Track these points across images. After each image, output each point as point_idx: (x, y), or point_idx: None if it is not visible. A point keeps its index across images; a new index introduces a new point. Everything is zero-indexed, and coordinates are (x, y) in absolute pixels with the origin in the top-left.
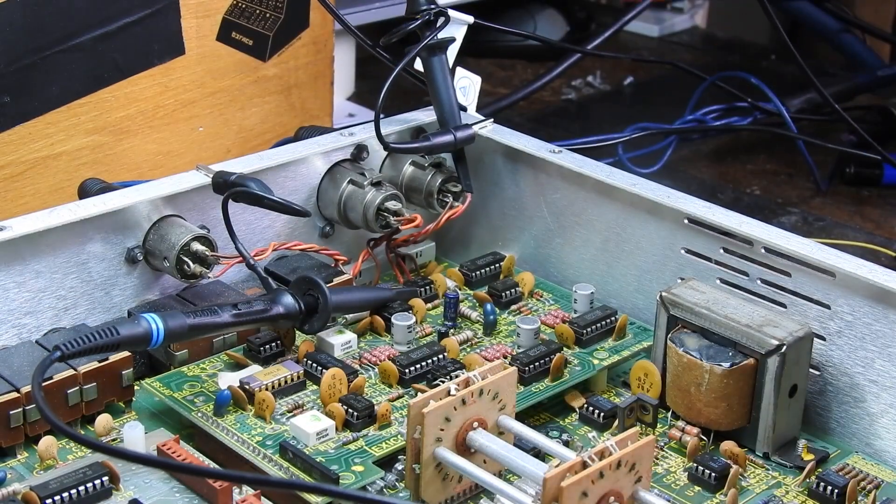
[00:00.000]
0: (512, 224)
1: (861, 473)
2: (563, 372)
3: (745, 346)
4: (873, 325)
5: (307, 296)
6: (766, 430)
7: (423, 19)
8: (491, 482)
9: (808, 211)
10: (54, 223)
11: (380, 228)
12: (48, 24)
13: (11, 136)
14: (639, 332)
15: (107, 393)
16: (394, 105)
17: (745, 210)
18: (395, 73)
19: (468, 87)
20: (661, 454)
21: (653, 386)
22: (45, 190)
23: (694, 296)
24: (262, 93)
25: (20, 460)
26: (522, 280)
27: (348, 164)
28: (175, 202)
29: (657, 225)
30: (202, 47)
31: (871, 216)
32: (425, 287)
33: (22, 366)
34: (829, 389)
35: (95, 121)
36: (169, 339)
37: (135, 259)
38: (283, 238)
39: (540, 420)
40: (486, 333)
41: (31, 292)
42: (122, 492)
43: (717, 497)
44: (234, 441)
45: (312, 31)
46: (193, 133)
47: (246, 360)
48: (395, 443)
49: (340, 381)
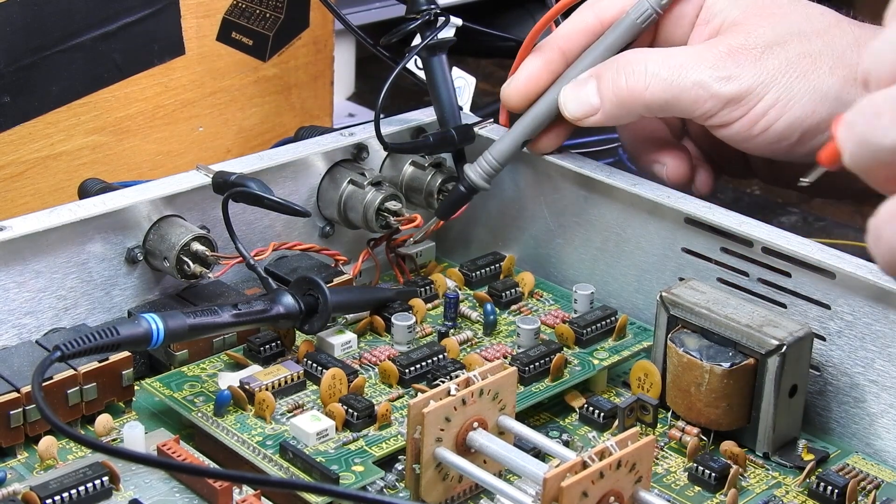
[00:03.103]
0: (512, 224)
1: (861, 473)
2: (563, 372)
3: (745, 346)
4: (873, 325)
5: (307, 296)
6: (766, 430)
7: (423, 19)
8: (491, 482)
9: (808, 211)
10: (54, 223)
11: (380, 228)
12: (48, 24)
13: (11, 136)
14: (639, 332)
15: (107, 393)
16: (394, 105)
17: (744, 210)
18: (395, 73)
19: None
20: (661, 454)
21: (653, 386)
22: (45, 190)
23: (694, 296)
24: (262, 93)
25: (20, 460)
26: (522, 280)
27: (348, 164)
28: (175, 202)
29: (657, 225)
30: (202, 47)
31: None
32: (425, 287)
33: (22, 366)
34: (829, 389)
35: (95, 121)
36: (169, 339)
37: (135, 259)
38: (283, 238)
39: (540, 420)
40: (486, 333)
41: (31, 292)
42: (122, 492)
43: (717, 497)
44: (234, 441)
45: (312, 31)
46: (193, 133)
47: (246, 360)
48: (395, 443)
49: (340, 381)
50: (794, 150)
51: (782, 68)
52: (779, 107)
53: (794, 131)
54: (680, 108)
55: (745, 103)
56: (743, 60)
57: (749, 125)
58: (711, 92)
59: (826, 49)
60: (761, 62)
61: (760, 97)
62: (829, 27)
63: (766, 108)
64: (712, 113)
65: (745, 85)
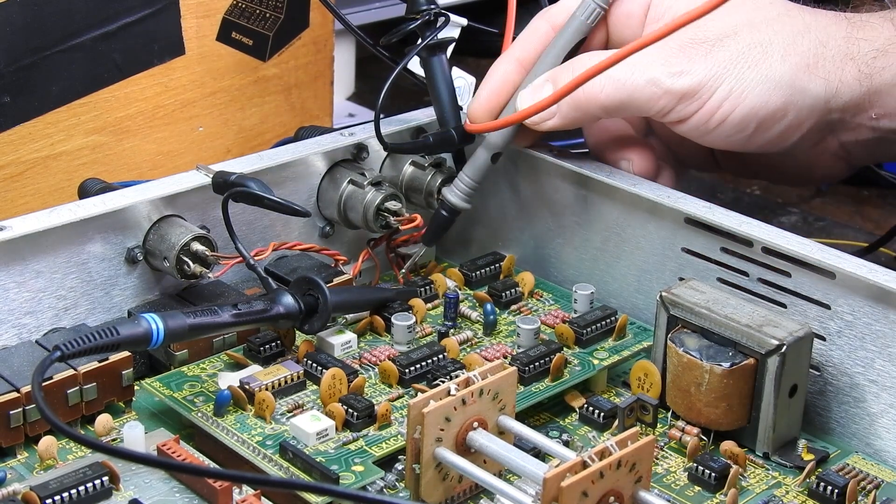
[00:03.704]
0: (512, 224)
1: (861, 473)
2: (563, 372)
3: (745, 346)
4: (873, 325)
5: (307, 296)
6: (766, 430)
7: (423, 19)
8: (491, 482)
9: (808, 211)
10: (54, 223)
11: (380, 228)
12: (48, 24)
13: (11, 136)
14: (639, 332)
15: (107, 393)
16: (394, 105)
17: (744, 210)
18: (395, 73)
19: (463, 88)
20: (661, 454)
21: (653, 386)
22: (45, 190)
23: (694, 296)
24: (262, 93)
25: (20, 460)
26: (522, 280)
27: (348, 164)
28: (175, 202)
29: (657, 225)
30: (202, 47)
31: (871, 216)
32: (425, 287)
33: (22, 366)
34: (829, 389)
35: (95, 121)
36: (169, 339)
37: (135, 259)
38: (283, 238)
39: (540, 420)
40: (486, 333)
41: (31, 292)
42: (122, 492)
43: (717, 497)
44: (234, 441)
45: (312, 31)
46: (193, 133)
47: (246, 360)
48: (395, 443)
49: (340, 381)
50: (752, 140)
51: (733, 59)
52: (732, 98)
53: (750, 121)
54: (635, 106)
55: (698, 97)
56: (694, 55)
57: (705, 119)
58: (664, 88)
59: (776, 37)
60: (712, 55)
61: (713, 90)
62: (779, 16)
63: (719, 100)
64: (667, 109)
65: (697, 79)
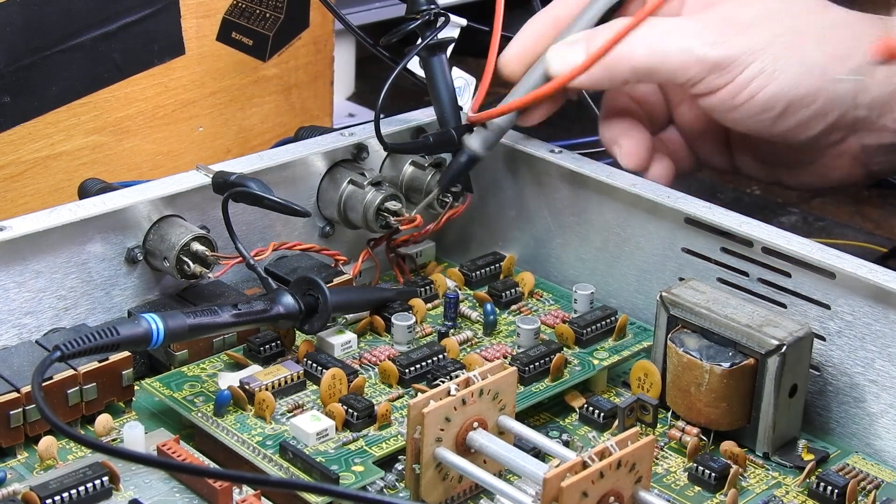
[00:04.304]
0: (512, 224)
1: (861, 473)
2: (563, 372)
3: (745, 346)
4: (873, 325)
5: (307, 296)
6: (766, 430)
7: (423, 19)
8: (491, 482)
9: (808, 211)
10: (54, 223)
11: (380, 228)
12: (48, 24)
13: (11, 136)
14: (639, 332)
15: (107, 393)
16: (394, 105)
17: (744, 210)
18: (395, 73)
19: (464, 88)
20: (661, 454)
21: (653, 386)
22: (45, 190)
23: (694, 296)
24: (262, 93)
25: (20, 460)
26: (522, 280)
27: (348, 164)
28: (175, 202)
29: (657, 225)
30: (202, 47)
31: (871, 216)
32: (425, 287)
33: (22, 366)
34: (829, 389)
35: (95, 121)
36: (169, 339)
37: (135, 259)
38: (283, 238)
39: (540, 420)
40: (486, 333)
41: (31, 292)
42: (122, 492)
43: (717, 497)
44: (234, 441)
45: (312, 31)
46: (193, 133)
47: (246, 360)
48: (395, 443)
49: (340, 381)
50: (777, 124)
51: (769, 40)
52: (764, 76)
53: (779, 101)
54: (666, 71)
55: (730, 70)
56: (730, 31)
57: (734, 93)
58: (697, 56)
59: (812, 26)
60: (748, 34)
61: (746, 65)
62: (817, 7)
63: (751, 76)
64: (697, 79)
65: (732, 51)
